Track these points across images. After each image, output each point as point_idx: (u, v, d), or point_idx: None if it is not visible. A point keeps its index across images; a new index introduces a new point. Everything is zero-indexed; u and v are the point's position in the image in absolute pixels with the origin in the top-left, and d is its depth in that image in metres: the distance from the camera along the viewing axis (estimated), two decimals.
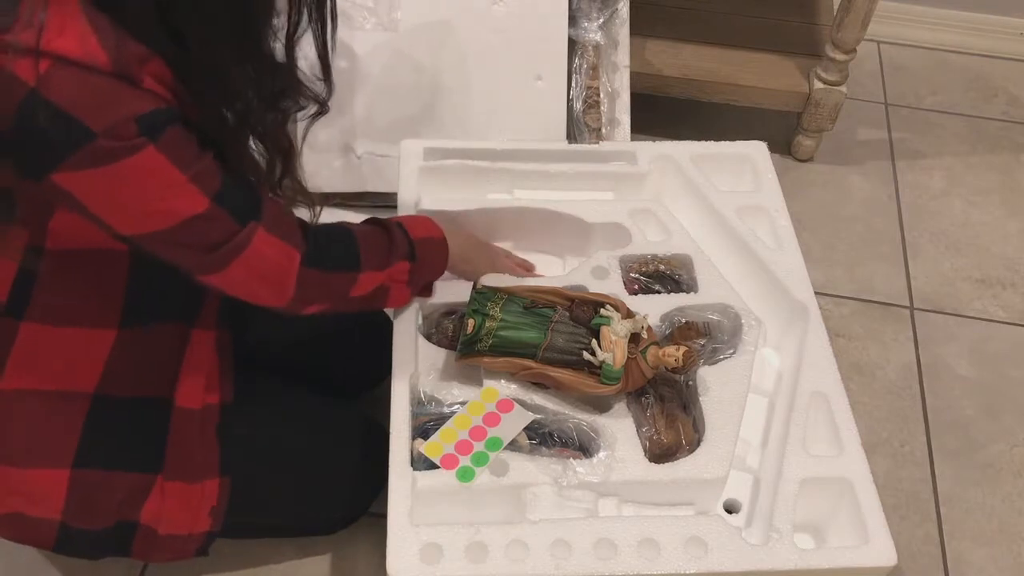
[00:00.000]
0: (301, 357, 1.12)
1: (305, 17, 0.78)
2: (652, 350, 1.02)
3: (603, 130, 1.46)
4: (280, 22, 0.77)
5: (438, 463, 0.96)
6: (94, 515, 0.90)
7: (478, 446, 0.97)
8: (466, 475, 0.95)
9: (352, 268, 0.94)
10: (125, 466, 0.91)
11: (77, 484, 0.88)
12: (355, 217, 1.43)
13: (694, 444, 1.00)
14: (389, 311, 1.10)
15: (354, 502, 1.09)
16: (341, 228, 0.96)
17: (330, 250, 0.92)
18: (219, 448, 0.95)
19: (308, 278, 0.89)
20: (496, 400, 1.01)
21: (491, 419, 0.99)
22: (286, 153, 0.87)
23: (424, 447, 0.97)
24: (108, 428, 0.89)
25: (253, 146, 0.84)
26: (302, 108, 0.85)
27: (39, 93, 0.67)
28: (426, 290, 1.09)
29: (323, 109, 0.87)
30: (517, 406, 1.00)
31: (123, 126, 0.69)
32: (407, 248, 0.99)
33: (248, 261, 0.82)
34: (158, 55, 0.71)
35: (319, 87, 0.84)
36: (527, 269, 1.17)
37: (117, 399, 0.89)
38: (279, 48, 0.79)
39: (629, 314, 1.05)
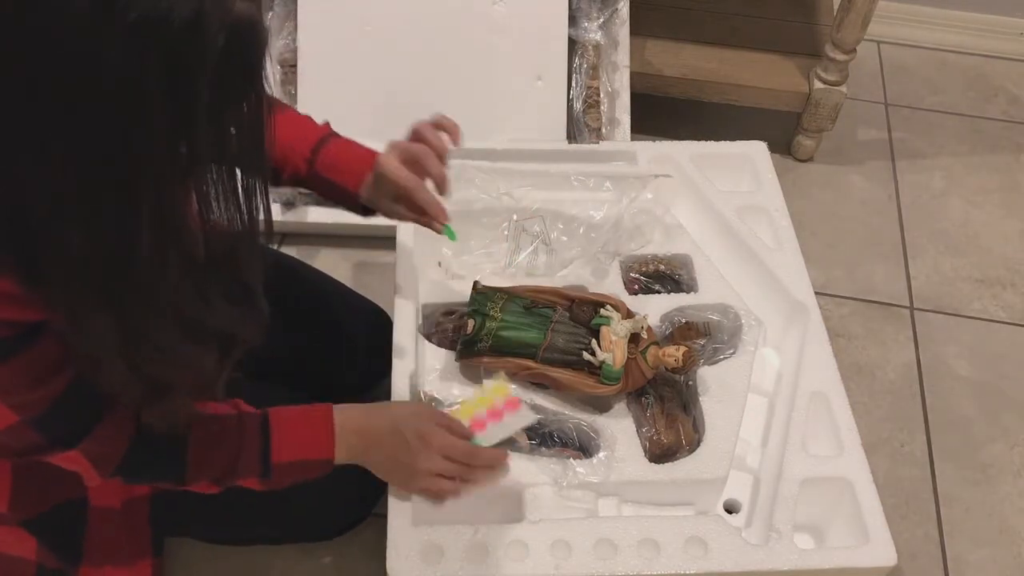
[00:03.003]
0: (299, 360, 1.11)
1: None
2: (652, 350, 1.02)
3: (603, 130, 1.46)
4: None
5: None
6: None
7: (477, 437, 0.97)
8: None
9: (172, 481, 0.85)
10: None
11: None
12: (356, 217, 1.44)
13: (694, 444, 1.00)
14: (389, 312, 1.10)
15: (354, 510, 1.08)
16: (170, 446, 0.82)
17: (142, 473, 0.84)
18: (151, 533, 0.95)
19: (119, 482, 0.84)
20: (506, 397, 0.99)
21: (494, 414, 0.99)
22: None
23: None
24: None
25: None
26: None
27: None
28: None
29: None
30: (524, 406, 0.99)
31: None
32: (260, 469, 0.86)
33: (55, 460, 0.78)
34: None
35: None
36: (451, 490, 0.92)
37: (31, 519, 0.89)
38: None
39: (629, 314, 1.05)
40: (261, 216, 0.65)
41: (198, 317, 0.66)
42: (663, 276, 1.18)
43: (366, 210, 1.01)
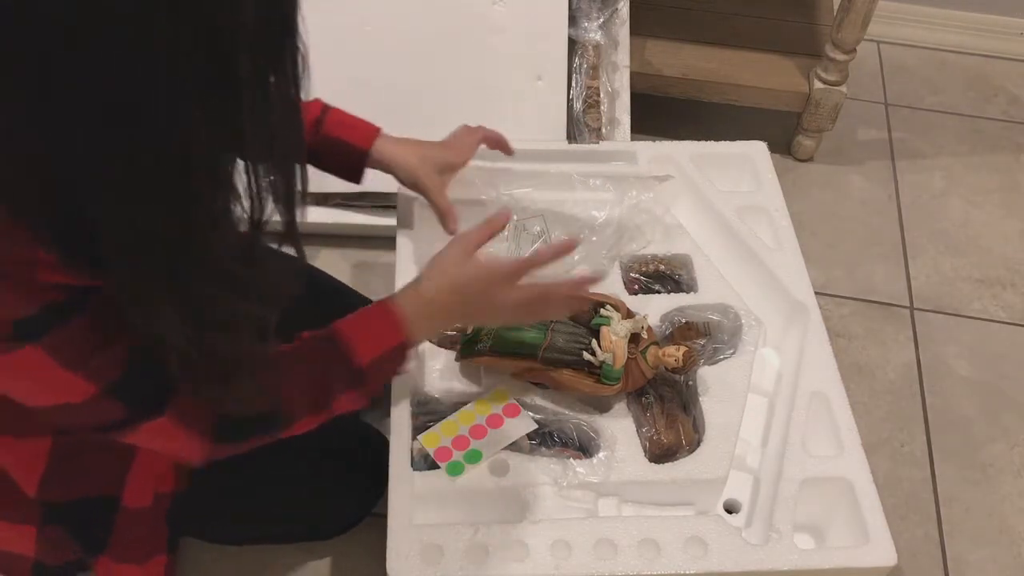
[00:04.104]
0: None
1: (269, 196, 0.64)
2: (652, 350, 1.02)
3: (603, 130, 1.46)
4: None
5: (432, 454, 0.96)
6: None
7: (474, 444, 0.97)
8: (455, 469, 0.95)
9: (274, 430, 0.84)
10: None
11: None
12: (356, 217, 1.45)
13: (694, 444, 1.00)
14: None
15: (354, 510, 1.08)
16: (265, 395, 0.80)
17: (242, 427, 0.81)
18: (168, 530, 0.95)
19: (218, 452, 0.81)
20: (505, 403, 1.01)
21: (494, 420, 0.99)
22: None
23: (422, 436, 0.97)
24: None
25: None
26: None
27: None
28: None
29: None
30: (524, 412, 1.00)
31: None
32: (350, 379, 0.86)
33: (142, 439, 0.77)
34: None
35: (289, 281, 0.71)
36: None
37: (58, 504, 0.88)
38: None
39: (629, 314, 1.05)
40: (298, 173, 0.65)
41: (249, 278, 0.66)
42: (663, 276, 1.18)
43: (358, 175, 1.05)
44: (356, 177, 1.09)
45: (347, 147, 1.05)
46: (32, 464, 0.85)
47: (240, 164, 0.62)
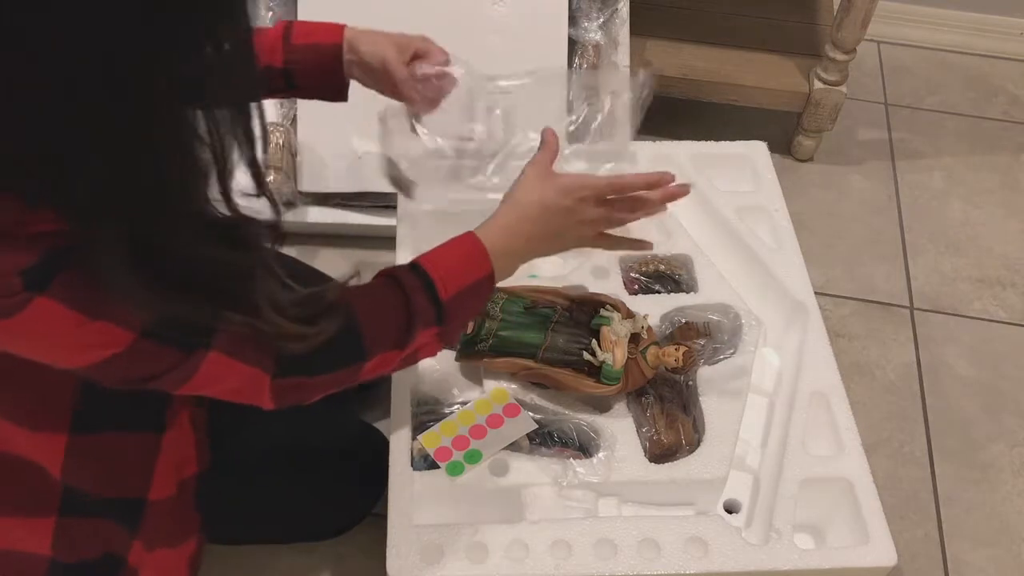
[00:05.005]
0: None
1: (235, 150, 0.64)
2: (652, 350, 1.02)
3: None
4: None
5: (431, 454, 0.96)
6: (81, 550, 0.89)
7: (474, 444, 0.97)
8: (455, 469, 0.95)
9: (352, 362, 0.81)
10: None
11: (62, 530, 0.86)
12: (356, 217, 1.45)
13: (694, 444, 1.00)
14: None
15: (354, 510, 1.08)
16: (342, 317, 0.77)
17: (314, 356, 0.76)
18: (198, 512, 0.92)
19: (289, 389, 0.79)
20: (504, 403, 1.01)
21: (494, 420, 0.99)
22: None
23: (422, 436, 0.97)
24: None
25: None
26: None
27: None
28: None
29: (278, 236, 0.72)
30: (524, 412, 1.00)
31: (7, 283, 0.62)
32: (433, 313, 0.83)
33: (202, 384, 0.73)
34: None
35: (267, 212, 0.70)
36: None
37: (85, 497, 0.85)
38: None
39: (629, 314, 1.05)
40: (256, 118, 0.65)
41: (223, 218, 0.66)
42: (663, 276, 1.18)
43: (342, 93, 1.01)
44: (337, 89, 1.01)
45: (321, 49, 0.99)
46: (51, 459, 0.83)
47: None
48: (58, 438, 0.81)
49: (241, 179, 0.67)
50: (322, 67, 1.00)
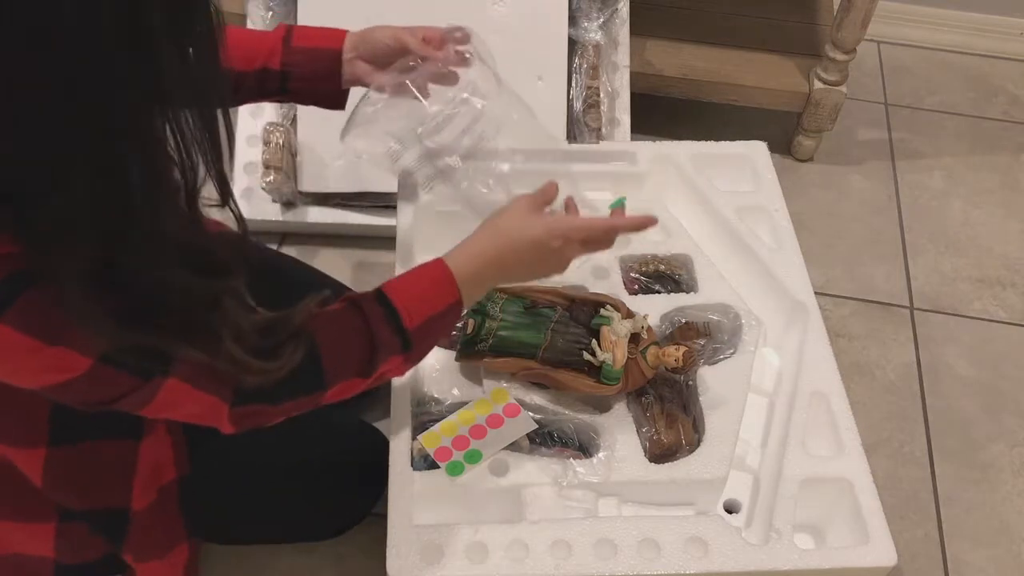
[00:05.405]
0: None
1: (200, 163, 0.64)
2: (652, 350, 1.02)
3: (603, 130, 1.46)
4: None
5: (431, 454, 0.96)
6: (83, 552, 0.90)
7: (474, 444, 0.97)
8: (455, 469, 0.95)
9: (312, 392, 0.81)
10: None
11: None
12: (356, 217, 1.45)
13: (694, 444, 1.00)
14: None
15: (354, 510, 1.08)
16: (305, 348, 0.77)
17: (275, 387, 0.76)
18: (183, 518, 0.92)
19: (248, 416, 0.78)
20: (504, 403, 1.01)
21: (494, 420, 0.99)
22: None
23: (422, 436, 0.97)
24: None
25: None
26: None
27: None
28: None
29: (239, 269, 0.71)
30: (524, 412, 1.00)
31: None
32: (398, 342, 0.83)
33: (160, 409, 0.73)
34: None
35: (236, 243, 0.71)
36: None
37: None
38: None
39: (629, 314, 1.05)
40: (224, 133, 0.65)
41: (190, 242, 0.66)
42: (663, 276, 1.18)
43: (339, 101, 1.00)
44: (333, 96, 1.01)
45: (321, 54, 0.99)
46: (33, 472, 0.84)
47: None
48: (38, 452, 0.81)
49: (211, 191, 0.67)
50: (317, 72, 1.00)
